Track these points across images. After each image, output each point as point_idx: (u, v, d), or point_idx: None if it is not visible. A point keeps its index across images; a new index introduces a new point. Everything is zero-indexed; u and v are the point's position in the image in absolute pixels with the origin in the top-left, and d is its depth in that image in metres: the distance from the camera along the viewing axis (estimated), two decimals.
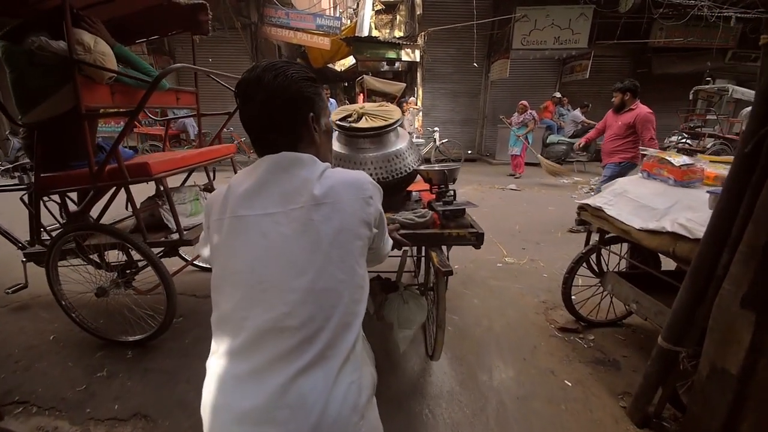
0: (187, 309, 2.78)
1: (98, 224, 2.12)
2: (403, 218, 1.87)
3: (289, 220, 0.83)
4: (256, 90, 0.85)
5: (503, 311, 2.68)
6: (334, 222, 0.83)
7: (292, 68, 0.89)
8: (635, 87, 4.15)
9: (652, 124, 4.00)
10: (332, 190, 0.85)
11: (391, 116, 2.15)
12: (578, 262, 2.41)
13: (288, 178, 0.86)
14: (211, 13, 2.64)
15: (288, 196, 0.84)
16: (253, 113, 0.88)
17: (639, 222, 1.95)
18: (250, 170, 0.90)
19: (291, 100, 0.87)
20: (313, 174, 0.87)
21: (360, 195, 0.89)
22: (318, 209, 0.83)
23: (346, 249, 0.85)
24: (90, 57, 1.77)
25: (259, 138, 0.91)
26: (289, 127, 0.90)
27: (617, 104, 4.23)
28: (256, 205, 0.85)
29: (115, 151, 1.85)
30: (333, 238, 0.83)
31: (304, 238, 0.82)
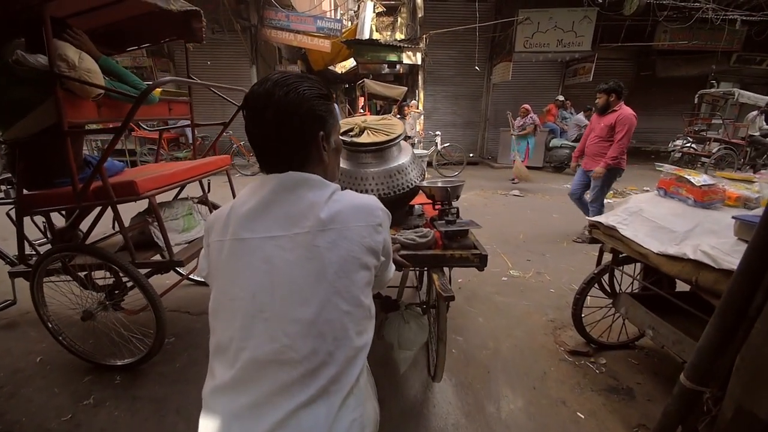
0: (180, 327, 2.67)
1: (82, 245, 2.01)
2: (403, 238, 1.79)
3: (293, 245, 0.79)
4: (266, 106, 0.80)
5: (510, 331, 2.56)
6: (340, 250, 0.80)
7: (304, 84, 0.83)
8: (620, 88, 4.06)
9: (630, 126, 3.89)
10: (340, 215, 0.82)
11: (394, 131, 2.08)
12: (589, 283, 2.29)
13: (294, 199, 0.82)
14: (205, 20, 2.53)
15: (293, 219, 0.81)
16: (262, 130, 0.83)
17: (657, 245, 1.84)
18: (254, 188, 0.86)
19: (302, 118, 0.82)
20: (320, 197, 0.83)
21: (369, 222, 0.85)
22: (324, 235, 0.79)
23: (351, 279, 0.81)
24: (75, 74, 1.66)
25: (266, 155, 0.87)
26: (298, 146, 0.85)
27: (601, 105, 4.12)
28: (259, 227, 0.81)
29: (100, 169, 1.74)
30: (338, 267, 0.79)
31: (309, 266, 0.78)
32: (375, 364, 2.27)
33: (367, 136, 2.01)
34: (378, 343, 2.07)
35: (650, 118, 11.83)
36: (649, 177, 9.02)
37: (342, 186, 2.00)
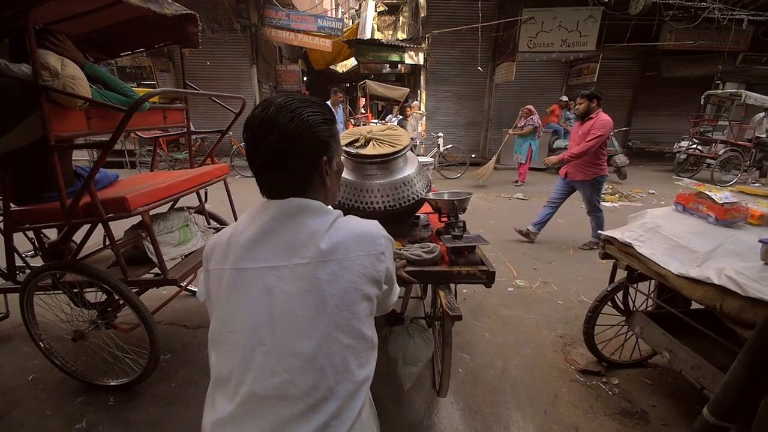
0: (176, 342, 2.58)
1: (72, 263, 1.92)
2: (409, 254, 1.74)
3: (293, 276, 0.77)
4: (269, 131, 0.78)
5: (518, 349, 2.47)
6: (340, 282, 0.78)
7: (308, 109, 0.82)
8: (600, 94, 3.99)
9: (605, 131, 3.80)
10: (341, 245, 0.80)
11: (400, 142, 2.02)
12: (602, 301, 2.20)
13: (294, 227, 0.81)
14: (201, 25, 2.44)
15: (293, 249, 0.79)
16: (264, 155, 0.81)
17: (677, 266, 1.74)
18: (254, 214, 0.85)
19: (306, 145, 0.81)
20: (321, 226, 0.81)
21: (371, 251, 0.83)
22: (324, 266, 0.77)
23: (352, 311, 0.79)
24: (58, 82, 1.56)
25: (268, 180, 0.85)
26: (301, 172, 0.84)
27: (582, 111, 4.01)
28: (259, 256, 0.79)
29: (89, 185, 1.65)
30: (339, 299, 0.77)
31: (309, 299, 0.76)
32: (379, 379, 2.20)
33: (372, 147, 1.96)
34: (382, 358, 2.00)
35: (655, 118, 11.72)
36: (653, 178, 8.92)
37: (347, 198, 1.97)
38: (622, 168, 8.06)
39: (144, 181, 2.29)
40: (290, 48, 11.89)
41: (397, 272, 1.36)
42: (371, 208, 1.88)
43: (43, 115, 1.54)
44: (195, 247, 2.42)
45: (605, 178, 4.12)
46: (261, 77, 10.40)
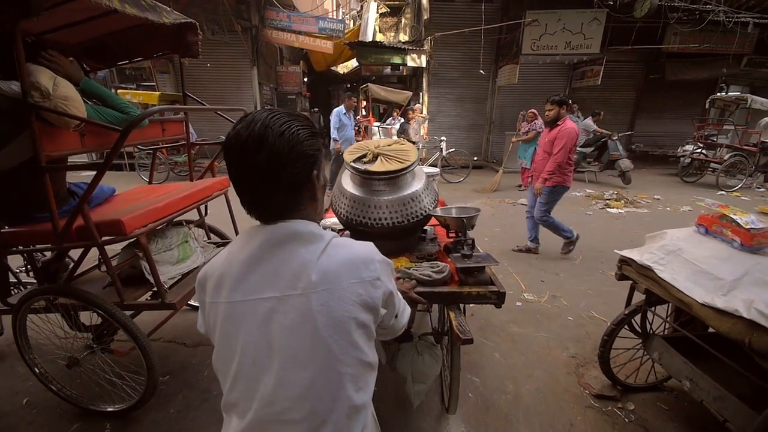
0: (175, 362, 2.49)
1: (65, 287, 1.82)
2: (419, 273, 1.69)
3: (286, 308, 0.76)
4: (258, 149, 0.74)
5: (530, 371, 2.38)
6: (334, 312, 0.77)
7: (295, 123, 0.78)
8: (568, 101, 3.90)
9: (568, 139, 3.70)
10: (332, 274, 0.78)
11: (408, 158, 1.95)
12: (619, 324, 2.11)
13: (285, 256, 0.79)
14: (200, 33, 2.34)
15: (285, 279, 0.78)
16: (253, 177, 0.77)
17: (701, 293, 1.66)
18: (244, 242, 0.83)
19: (298, 161, 0.78)
20: (313, 254, 0.79)
21: (365, 277, 0.81)
22: (316, 297, 0.76)
23: (349, 340, 0.78)
24: (49, 104, 1.47)
25: (257, 204, 0.82)
26: (292, 191, 0.81)
27: (552, 118, 3.89)
28: (251, 287, 0.78)
29: (83, 209, 1.56)
30: (333, 330, 0.76)
31: (303, 331, 0.76)
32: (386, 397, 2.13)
33: (380, 163, 1.92)
34: (390, 375, 1.94)
35: (658, 121, 11.64)
36: (658, 183, 8.84)
37: (354, 213, 1.89)
38: (626, 173, 7.98)
39: (141, 197, 2.20)
40: (291, 49, 11.80)
41: (408, 293, 1.32)
42: (379, 224, 1.84)
43: (34, 135, 1.45)
44: (194, 264, 2.33)
45: (566, 189, 4.01)
46: (262, 79, 10.30)
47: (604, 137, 8.36)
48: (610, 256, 4.32)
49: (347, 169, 2.05)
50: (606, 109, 10.12)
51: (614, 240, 4.91)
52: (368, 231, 1.89)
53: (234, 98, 10.33)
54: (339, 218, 2.03)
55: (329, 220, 2.57)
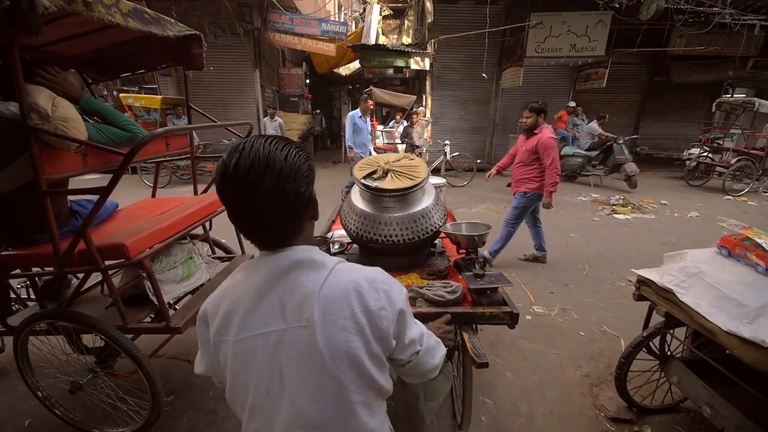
0: (179, 381, 2.44)
1: (65, 311, 1.76)
2: (432, 293, 1.66)
3: (293, 340, 0.77)
4: (263, 176, 0.73)
5: (543, 392, 2.32)
6: (338, 344, 0.76)
7: (292, 147, 0.79)
8: (546, 108, 3.82)
9: (553, 150, 3.65)
10: (335, 305, 0.77)
11: (418, 174, 1.93)
12: (637, 347, 2.05)
13: (289, 286, 0.79)
14: (205, 45, 2.28)
15: (290, 310, 0.78)
16: (256, 206, 0.75)
17: (725, 320, 1.59)
18: (247, 275, 0.84)
19: (302, 181, 0.78)
20: (316, 283, 0.79)
21: (370, 306, 0.79)
22: (321, 328, 0.76)
23: (357, 370, 0.78)
24: (48, 126, 1.41)
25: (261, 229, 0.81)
26: (296, 211, 0.80)
27: (530, 125, 3.83)
28: (258, 322, 0.79)
29: (85, 234, 1.50)
30: (340, 361, 0.76)
31: (310, 362, 0.76)
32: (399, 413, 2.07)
33: (391, 179, 1.89)
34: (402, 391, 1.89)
35: (663, 124, 11.57)
36: (663, 187, 8.76)
37: (364, 230, 1.86)
38: (632, 177, 7.90)
39: (145, 213, 2.14)
40: (293, 51, 11.74)
41: (440, 334, 1.23)
42: (390, 241, 1.83)
43: (34, 158, 1.40)
44: (199, 281, 2.27)
45: (540, 198, 3.94)
46: (264, 81, 10.25)
47: (610, 141, 8.28)
48: (619, 266, 4.26)
49: (356, 185, 2.01)
50: (610, 111, 10.04)
51: (622, 248, 4.84)
52: (378, 248, 1.88)
53: (236, 101, 10.29)
54: (348, 233, 2.00)
55: (337, 232, 2.52)
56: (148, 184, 5.40)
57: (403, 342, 0.88)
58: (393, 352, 0.87)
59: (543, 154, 3.69)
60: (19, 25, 1.23)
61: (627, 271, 4.09)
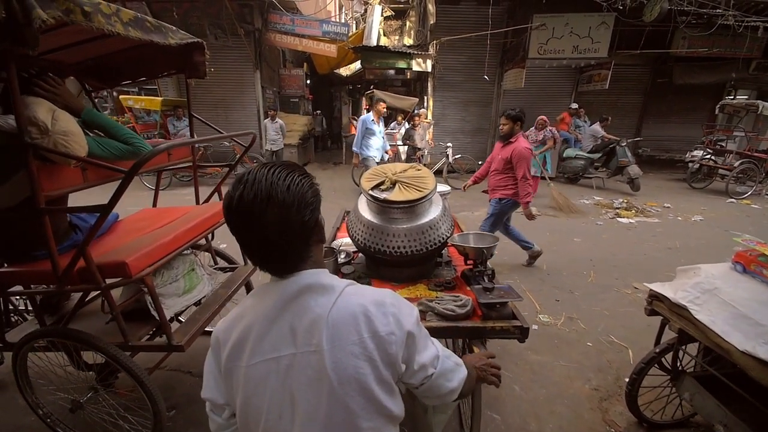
0: (180, 394, 2.39)
1: (64, 329, 1.71)
2: (442, 308, 1.63)
3: (303, 365, 0.77)
4: (265, 209, 0.75)
5: (552, 406, 2.28)
6: (347, 369, 0.76)
7: (295, 175, 0.79)
8: (524, 116, 3.77)
9: (527, 161, 3.62)
10: (343, 330, 0.77)
11: (426, 186, 1.91)
12: (649, 363, 2.01)
13: (298, 311, 0.80)
14: (208, 53, 2.24)
15: (300, 335, 0.78)
16: (262, 235, 0.77)
17: (741, 339, 1.55)
18: (259, 299, 0.85)
19: (306, 209, 0.79)
20: (324, 307, 0.79)
21: (378, 331, 0.79)
22: (329, 354, 0.76)
23: (366, 396, 0.77)
24: (48, 140, 1.37)
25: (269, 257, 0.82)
26: (303, 238, 0.81)
27: (506, 132, 3.79)
28: (269, 347, 0.79)
29: (85, 252, 1.45)
30: (349, 387, 0.76)
31: (319, 387, 0.76)
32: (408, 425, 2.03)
33: (399, 191, 1.88)
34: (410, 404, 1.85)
35: (666, 125, 11.52)
36: (666, 189, 8.72)
37: (372, 241, 1.83)
38: (635, 179, 7.86)
39: (146, 225, 2.10)
40: (294, 52, 11.69)
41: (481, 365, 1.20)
42: (397, 252, 1.81)
43: (32, 174, 1.35)
44: (201, 293, 2.23)
45: (517, 205, 3.90)
46: (264, 82, 10.20)
47: (613, 143, 8.24)
48: (624, 272, 4.22)
49: (363, 195, 1.99)
50: (612, 112, 10.00)
51: (627, 253, 4.80)
52: (386, 259, 1.86)
53: (237, 102, 10.24)
54: (355, 243, 1.98)
55: (342, 240, 2.48)
56: (149, 187, 5.35)
57: (413, 368, 0.86)
58: (402, 377, 0.86)
59: (516, 165, 3.65)
60: (16, 38, 1.19)
61: (632, 278, 4.06)
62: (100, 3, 1.45)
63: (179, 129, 8.17)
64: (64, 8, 1.29)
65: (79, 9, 1.34)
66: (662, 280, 3.93)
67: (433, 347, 0.92)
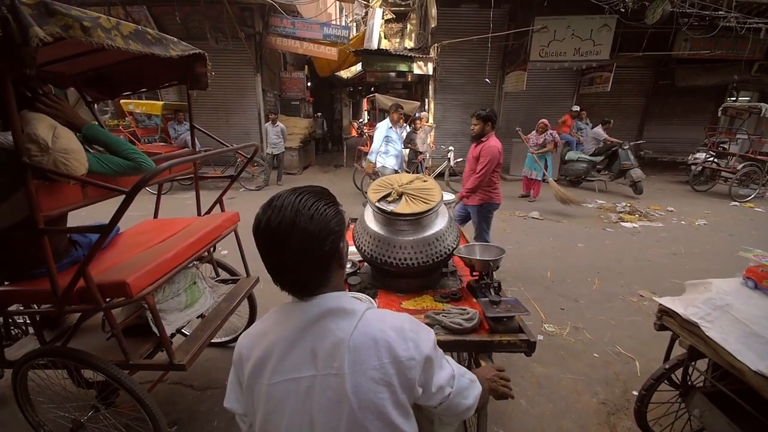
0: (182, 409, 2.36)
1: (63, 349, 1.68)
2: (449, 321, 1.62)
3: (324, 387, 0.79)
4: (289, 234, 0.79)
5: (560, 421, 2.24)
6: (367, 393, 0.78)
7: (321, 202, 0.83)
8: (494, 116, 3.68)
9: (492, 158, 3.51)
10: (364, 354, 0.79)
11: (433, 198, 1.91)
12: (659, 380, 1.97)
13: (320, 333, 0.82)
14: (210, 64, 2.21)
15: (321, 358, 0.80)
16: (285, 258, 0.81)
17: (754, 359, 1.51)
18: (282, 319, 0.87)
19: (328, 240, 0.82)
20: (345, 331, 0.81)
21: (400, 356, 0.81)
22: (350, 378, 0.78)
23: (384, 420, 0.79)
24: (48, 158, 1.34)
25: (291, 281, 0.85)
26: (324, 265, 0.85)
27: (476, 133, 3.68)
28: (290, 367, 0.82)
29: (85, 273, 1.42)
30: (368, 411, 0.78)
31: (340, 410, 0.78)
32: None
33: (405, 203, 1.88)
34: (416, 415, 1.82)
35: (668, 127, 11.48)
36: (669, 192, 8.69)
37: (378, 252, 1.82)
38: (638, 183, 7.83)
39: (147, 239, 2.06)
40: (295, 55, 11.66)
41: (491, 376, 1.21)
42: (404, 264, 1.81)
43: (30, 195, 1.32)
44: (203, 307, 2.20)
45: (496, 207, 3.83)
46: (265, 86, 10.19)
47: (615, 146, 8.20)
48: (629, 279, 4.19)
49: (370, 206, 1.97)
50: (614, 115, 9.98)
51: (631, 259, 4.77)
52: (392, 270, 1.86)
53: (237, 106, 10.22)
54: (362, 254, 1.97)
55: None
56: (150, 192, 5.31)
57: (430, 390, 0.88)
58: (419, 400, 0.88)
59: (481, 157, 3.55)
60: (13, 57, 1.16)
61: (638, 285, 4.03)
62: (99, 17, 1.43)
63: (180, 133, 8.15)
64: (62, 24, 1.27)
65: (78, 24, 1.31)
66: (667, 287, 3.94)
67: (448, 366, 0.94)
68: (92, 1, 8.76)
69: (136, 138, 8.20)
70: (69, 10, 1.28)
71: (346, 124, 19.26)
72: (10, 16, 1.10)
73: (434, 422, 1.71)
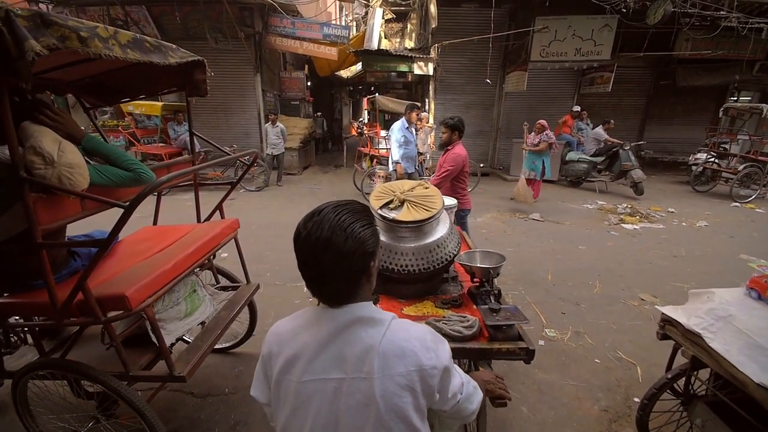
0: (182, 417, 2.35)
1: (62, 361, 1.67)
2: (449, 329, 1.62)
3: (352, 390, 0.84)
4: (324, 251, 0.84)
5: (561, 430, 2.23)
6: (393, 398, 0.83)
7: (358, 224, 0.87)
8: (462, 126, 3.70)
9: (455, 165, 3.52)
10: (394, 361, 0.85)
11: (435, 205, 1.92)
12: (661, 389, 1.96)
13: (350, 339, 0.87)
14: (209, 71, 2.20)
15: (350, 362, 0.85)
16: (319, 272, 0.87)
17: (757, 371, 1.50)
18: (313, 322, 0.92)
19: (360, 260, 0.87)
20: (374, 339, 0.87)
21: (425, 365, 0.86)
22: (379, 382, 0.83)
23: (406, 424, 0.84)
24: (52, 172, 1.32)
25: (324, 290, 0.90)
26: (354, 281, 0.90)
27: (444, 141, 3.73)
28: (319, 368, 0.86)
29: (84, 287, 1.41)
30: (394, 414, 0.83)
31: (367, 412, 0.83)
32: None
33: (407, 210, 1.89)
34: None
35: (668, 128, 11.46)
36: (669, 192, 8.68)
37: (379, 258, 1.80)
38: (639, 184, 7.81)
39: (146, 248, 2.05)
40: (294, 54, 11.63)
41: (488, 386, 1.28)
42: (405, 270, 1.82)
43: (28, 209, 1.31)
44: (203, 316, 2.19)
45: (467, 212, 3.83)
46: (265, 86, 10.15)
47: (616, 147, 8.18)
48: (630, 282, 4.18)
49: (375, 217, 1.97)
50: (615, 115, 9.96)
51: (632, 262, 4.76)
52: (393, 277, 1.86)
53: (237, 106, 10.19)
54: None
55: None
56: None
57: (446, 396, 0.95)
58: (435, 404, 0.94)
59: (445, 164, 3.57)
60: (8, 71, 1.15)
61: (639, 288, 4.02)
62: (97, 26, 1.41)
63: (179, 134, 8.13)
64: (59, 35, 1.25)
65: (75, 35, 1.30)
66: (668, 290, 3.93)
67: (458, 375, 1.01)
68: (92, 1, 8.73)
69: (136, 139, 8.18)
70: (66, 21, 1.27)
71: (346, 123, 19.23)
72: (5, 29, 1.09)
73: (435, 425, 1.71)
